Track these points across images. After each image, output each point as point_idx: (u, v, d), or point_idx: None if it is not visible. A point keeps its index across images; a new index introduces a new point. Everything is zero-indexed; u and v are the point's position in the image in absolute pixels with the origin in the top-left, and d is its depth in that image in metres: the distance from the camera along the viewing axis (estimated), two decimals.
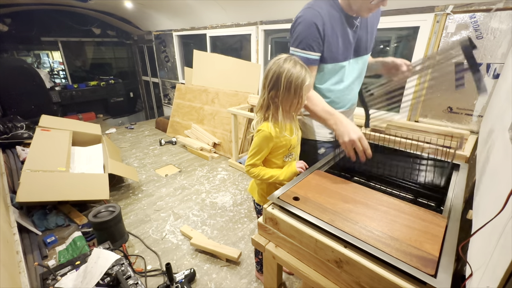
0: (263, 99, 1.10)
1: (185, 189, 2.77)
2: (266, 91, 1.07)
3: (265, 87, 1.07)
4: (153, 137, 4.37)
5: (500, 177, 0.70)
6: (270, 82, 1.04)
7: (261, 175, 1.16)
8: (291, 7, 2.70)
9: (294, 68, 1.00)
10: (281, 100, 1.05)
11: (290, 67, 1.00)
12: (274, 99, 1.06)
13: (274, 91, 1.05)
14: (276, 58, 1.05)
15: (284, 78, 1.00)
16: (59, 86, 5.10)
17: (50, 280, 1.31)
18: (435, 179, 1.07)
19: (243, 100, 3.41)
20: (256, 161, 1.15)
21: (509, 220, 0.51)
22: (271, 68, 1.04)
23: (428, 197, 1.11)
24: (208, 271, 1.75)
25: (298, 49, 1.12)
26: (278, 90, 1.03)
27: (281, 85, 1.02)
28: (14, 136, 3.19)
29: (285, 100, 1.05)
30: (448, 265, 0.62)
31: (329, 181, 1.02)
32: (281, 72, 1.01)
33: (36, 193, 1.99)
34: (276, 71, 1.02)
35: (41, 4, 4.35)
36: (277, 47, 3.29)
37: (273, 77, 1.03)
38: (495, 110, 1.31)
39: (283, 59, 1.03)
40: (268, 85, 1.06)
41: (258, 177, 1.17)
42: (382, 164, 1.19)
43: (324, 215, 0.81)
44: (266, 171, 1.17)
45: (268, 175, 1.16)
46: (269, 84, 1.05)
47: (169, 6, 3.80)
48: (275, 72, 1.02)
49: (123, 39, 5.77)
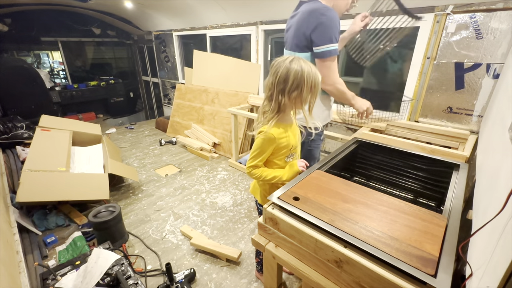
0: (273, 100, 1.08)
1: (185, 189, 2.77)
2: (281, 94, 1.05)
3: (280, 91, 1.05)
4: (153, 137, 4.37)
5: (500, 177, 0.70)
6: (292, 84, 1.03)
7: (264, 176, 1.16)
8: (291, 7, 2.68)
9: (311, 68, 1.03)
10: (304, 99, 1.05)
11: (308, 67, 1.02)
12: (296, 99, 1.05)
13: (297, 92, 1.03)
14: (281, 59, 1.05)
15: (308, 78, 1.02)
16: (59, 86, 5.10)
17: (50, 280, 1.31)
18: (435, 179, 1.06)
19: (243, 100, 3.41)
20: (258, 163, 1.15)
21: (509, 220, 0.51)
22: (291, 70, 1.02)
23: (428, 197, 1.11)
24: (208, 271, 1.75)
25: (332, 44, 1.36)
26: (302, 91, 1.03)
27: (304, 85, 1.02)
28: (14, 136, 3.19)
29: (304, 99, 1.05)
30: (448, 265, 0.62)
31: (329, 181, 1.02)
32: (303, 72, 1.01)
33: (36, 193, 1.99)
34: (298, 72, 1.01)
35: (41, 4, 4.35)
36: (277, 47, 3.29)
37: (296, 79, 1.02)
38: (495, 110, 1.31)
39: (289, 60, 1.03)
40: (288, 88, 1.03)
41: (261, 178, 1.17)
42: (382, 164, 1.19)
43: (324, 215, 0.81)
44: (268, 172, 1.17)
45: (271, 176, 1.16)
46: (290, 86, 1.03)
47: (169, 6, 3.80)
48: (297, 73, 1.01)
49: (123, 39, 5.77)
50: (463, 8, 1.78)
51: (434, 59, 1.99)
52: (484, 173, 0.99)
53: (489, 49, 1.75)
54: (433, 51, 1.98)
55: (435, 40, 1.95)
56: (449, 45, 1.90)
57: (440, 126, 2.05)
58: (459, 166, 1.14)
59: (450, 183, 1.01)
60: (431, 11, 1.92)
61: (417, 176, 1.07)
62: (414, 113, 2.21)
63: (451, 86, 1.96)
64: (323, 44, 1.35)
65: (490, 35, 1.72)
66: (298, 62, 1.02)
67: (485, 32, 1.74)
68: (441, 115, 2.07)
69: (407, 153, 1.30)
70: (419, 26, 2.03)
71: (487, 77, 1.79)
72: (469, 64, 1.85)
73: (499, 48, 1.70)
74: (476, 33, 1.77)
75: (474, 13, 1.75)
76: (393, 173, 1.11)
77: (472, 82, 1.87)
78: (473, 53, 1.81)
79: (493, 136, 1.09)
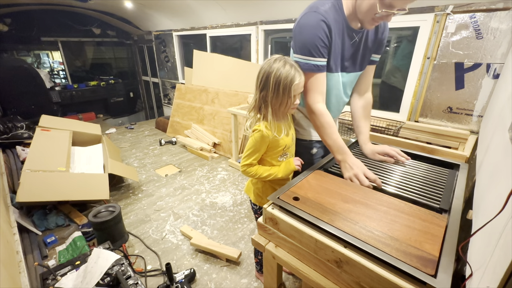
0: (255, 100, 1.11)
1: (185, 189, 2.77)
2: (257, 91, 1.09)
3: (257, 88, 1.09)
4: (153, 137, 4.37)
5: (500, 177, 0.70)
6: (260, 82, 1.06)
7: (259, 173, 1.16)
8: (291, 7, 2.70)
9: (284, 67, 1.01)
10: (271, 100, 1.06)
11: (279, 66, 1.01)
12: (265, 99, 1.08)
13: (265, 91, 1.06)
14: (268, 59, 1.07)
15: (273, 78, 1.01)
16: (59, 86, 5.10)
17: (50, 280, 1.31)
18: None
19: (243, 100, 3.41)
20: (252, 161, 1.15)
21: (509, 220, 0.51)
22: (262, 68, 1.06)
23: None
24: (208, 271, 1.75)
25: (304, 57, 1.05)
26: (268, 90, 1.04)
27: (270, 84, 1.03)
28: (14, 136, 3.19)
29: (274, 99, 1.06)
30: (448, 265, 0.62)
31: (329, 181, 1.02)
32: (270, 72, 1.02)
33: (36, 193, 1.99)
34: (266, 71, 1.04)
35: (41, 4, 4.35)
36: (277, 47, 3.29)
37: (263, 77, 1.05)
38: (495, 110, 1.31)
39: (273, 59, 1.05)
40: (259, 85, 1.07)
41: (256, 176, 1.17)
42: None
43: (324, 215, 0.81)
44: (263, 169, 1.17)
45: (266, 173, 1.16)
46: (259, 84, 1.07)
47: (169, 6, 3.80)
48: (265, 72, 1.04)
49: (123, 39, 5.77)
50: (463, 8, 1.78)
51: (434, 59, 1.99)
52: (484, 173, 0.99)
53: (489, 49, 1.75)
54: (433, 51, 1.98)
55: (435, 40, 1.95)
56: (449, 45, 1.90)
57: (440, 126, 2.05)
58: (459, 166, 1.14)
59: (450, 183, 1.01)
60: (431, 11, 1.92)
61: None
62: (414, 113, 2.21)
63: (451, 86, 1.96)
64: (296, 53, 1.08)
65: (490, 35, 1.72)
66: (274, 62, 1.03)
67: (485, 32, 1.74)
68: (441, 115, 2.07)
69: (407, 153, 1.30)
70: (419, 26, 2.03)
71: (487, 77, 1.79)
72: (469, 64, 1.85)
73: (499, 48, 1.70)
74: (476, 33, 1.77)
75: (474, 13, 1.75)
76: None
77: (472, 82, 1.87)
78: (473, 53, 1.81)
79: (493, 136, 1.09)
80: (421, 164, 1.18)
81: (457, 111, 1.99)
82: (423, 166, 1.17)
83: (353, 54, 1.14)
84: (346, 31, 1.07)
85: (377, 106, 2.51)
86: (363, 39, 1.12)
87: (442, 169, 1.14)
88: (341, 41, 1.08)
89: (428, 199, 0.92)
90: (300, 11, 1.06)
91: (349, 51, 1.12)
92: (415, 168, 1.15)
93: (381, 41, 1.19)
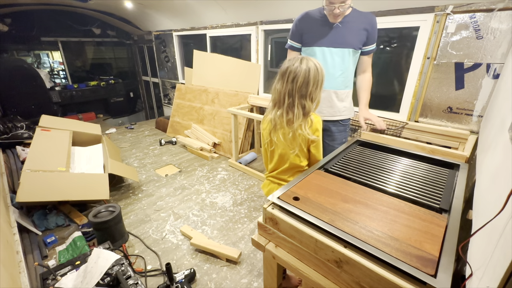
0: (293, 104, 1.15)
1: (185, 189, 2.77)
2: (303, 97, 1.14)
3: (303, 95, 1.14)
4: (153, 137, 4.36)
5: (500, 177, 0.70)
6: (313, 83, 1.13)
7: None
8: (291, 7, 2.70)
9: (315, 63, 1.14)
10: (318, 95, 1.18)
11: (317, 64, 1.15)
12: (310, 96, 1.15)
13: (314, 88, 1.15)
14: (305, 61, 1.13)
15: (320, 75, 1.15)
16: (59, 86, 5.09)
17: (50, 280, 1.31)
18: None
19: (243, 100, 3.41)
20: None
21: (509, 220, 0.51)
22: (310, 70, 1.11)
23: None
24: (208, 271, 1.75)
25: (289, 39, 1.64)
26: (317, 87, 1.15)
27: (319, 81, 1.14)
28: (14, 136, 3.20)
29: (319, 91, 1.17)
30: (448, 265, 0.62)
31: (329, 181, 1.02)
32: (317, 70, 1.14)
33: (36, 193, 1.99)
34: (314, 71, 1.12)
35: (41, 4, 4.35)
36: (277, 47, 3.29)
37: (305, 80, 1.13)
38: (495, 110, 1.31)
39: (306, 60, 1.13)
40: (309, 88, 1.13)
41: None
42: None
43: (324, 215, 0.81)
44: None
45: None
46: (312, 85, 1.13)
47: (169, 6, 3.80)
48: (316, 72, 1.12)
49: (123, 39, 5.77)
50: (463, 8, 1.78)
51: (434, 59, 1.99)
52: (484, 173, 0.99)
53: (489, 49, 1.75)
54: (433, 51, 1.98)
55: (435, 40, 1.95)
56: (449, 45, 1.90)
57: (440, 126, 2.05)
58: (459, 166, 1.14)
59: (450, 183, 1.01)
60: (431, 11, 1.92)
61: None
62: (414, 113, 2.21)
63: (451, 86, 1.96)
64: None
65: (490, 35, 1.72)
66: (307, 62, 1.13)
67: (485, 32, 1.74)
68: (441, 115, 2.07)
69: (407, 153, 1.30)
70: (419, 26, 2.03)
71: (487, 77, 1.79)
72: (469, 64, 1.85)
73: (499, 48, 1.70)
74: (476, 33, 1.77)
75: (474, 13, 1.75)
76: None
77: (472, 82, 1.87)
78: (473, 53, 1.81)
79: (493, 136, 1.09)
80: (421, 164, 1.18)
81: (457, 111, 1.99)
82: (423, 166, 1.17)
83: (333, 35, 1.53)
84: (326, 23, 1.52)
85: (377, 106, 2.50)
86: (346, 26, 1.51)
87: (442, 169, 1.14)
88: (318, 28, 1.54)
89: (428, 199, 0.92)
90: (300, 11, 1.10)
91: (326, 33, 1.53)
92: (415, 168, 1.15)
93: (370, 33, 1.54)
